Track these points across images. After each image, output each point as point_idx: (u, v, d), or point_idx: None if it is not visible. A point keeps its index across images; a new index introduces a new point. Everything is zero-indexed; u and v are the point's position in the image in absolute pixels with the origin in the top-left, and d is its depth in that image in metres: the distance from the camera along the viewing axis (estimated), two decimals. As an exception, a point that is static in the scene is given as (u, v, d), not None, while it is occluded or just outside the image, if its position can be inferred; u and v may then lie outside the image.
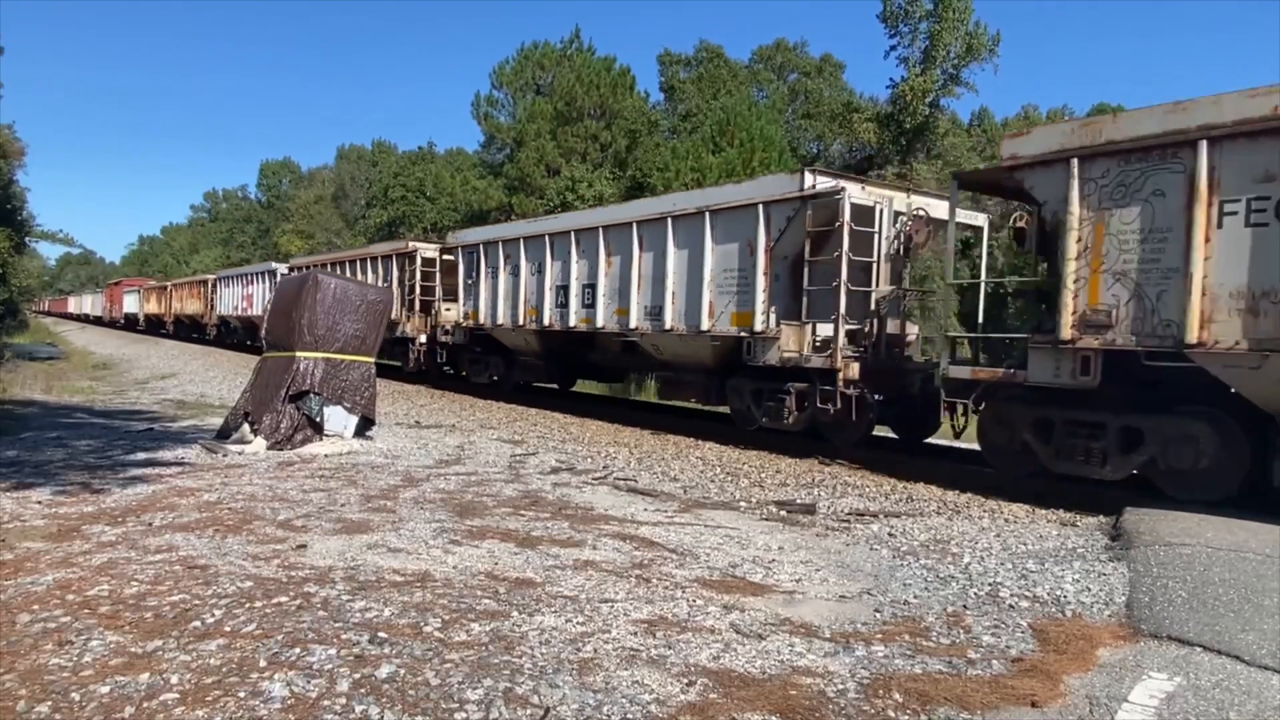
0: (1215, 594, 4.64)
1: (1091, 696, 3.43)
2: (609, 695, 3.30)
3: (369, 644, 3.69)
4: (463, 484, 7.82)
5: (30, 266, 40.63)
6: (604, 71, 38.28)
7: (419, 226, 44.55)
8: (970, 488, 8.40)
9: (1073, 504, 7.56)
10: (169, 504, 6.39)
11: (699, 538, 6.07)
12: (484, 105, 43.76)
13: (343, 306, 10.06)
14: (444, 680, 3.36)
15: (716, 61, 47.33)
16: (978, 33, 31.10)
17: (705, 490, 8.21)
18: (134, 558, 4.89)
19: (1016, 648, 4.02)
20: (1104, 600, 4.73)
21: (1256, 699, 3.40)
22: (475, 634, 3.88)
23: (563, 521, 6.37)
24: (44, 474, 7.42)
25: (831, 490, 8.33)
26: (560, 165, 36.76)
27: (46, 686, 3.17)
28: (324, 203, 67.79)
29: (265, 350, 10.59)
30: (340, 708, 3.09)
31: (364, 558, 5.09)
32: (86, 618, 3.88)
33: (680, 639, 3.95)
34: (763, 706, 3.26)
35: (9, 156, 24.29)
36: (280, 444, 9.23)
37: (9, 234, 24.66)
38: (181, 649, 3.56)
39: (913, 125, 31.93)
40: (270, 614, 4.02)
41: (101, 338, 45.21)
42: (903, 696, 3.40)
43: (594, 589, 4.67)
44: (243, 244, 79.07)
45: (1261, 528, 6.18)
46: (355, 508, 6.53)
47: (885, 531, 6.51)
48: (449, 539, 5.65)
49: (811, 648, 3.93)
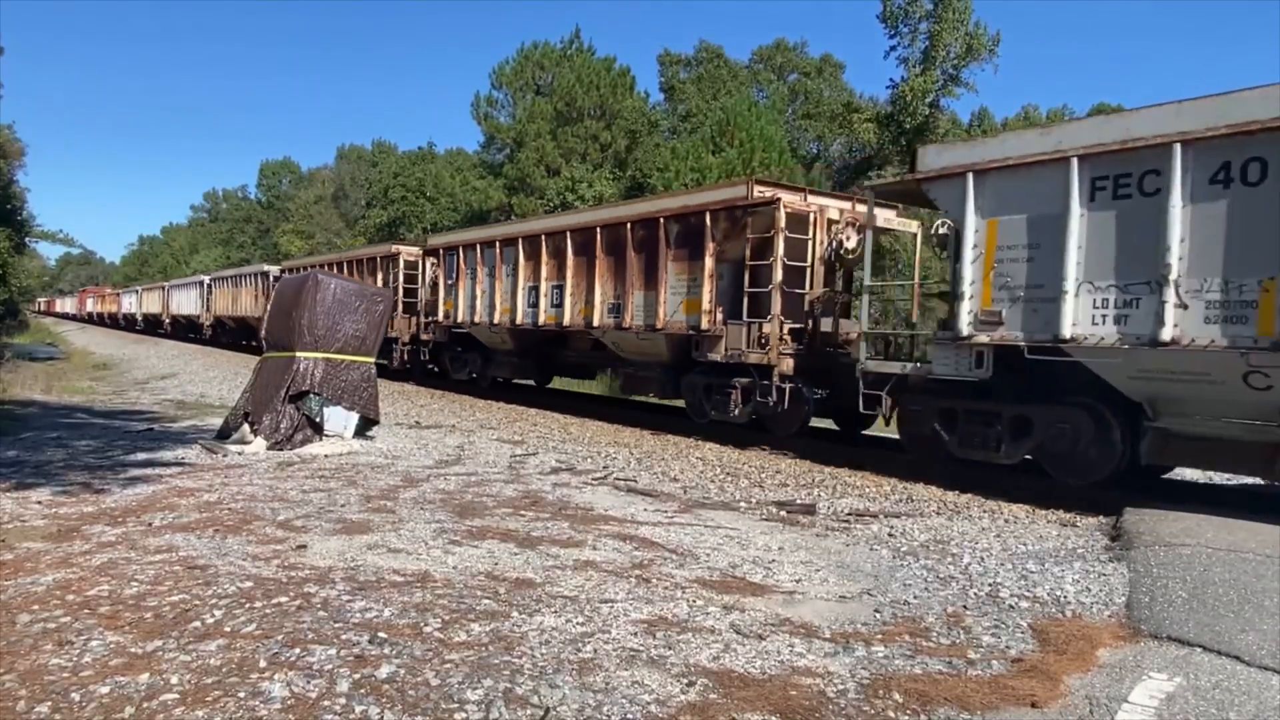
0: (1215, 594, 4.64)
1: (1091, 697, 3.43)
2: (609, 695, 3.30)
3: (369, 644, 3.69)
4: (463, 484, 7.82)
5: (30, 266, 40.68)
6: (604, 71, 38.29)
7: (419, 227, 44.57)
8: (970, 488, 8.40)
9: (1073, 504, 7.56)
10: (169, 504, 6.39)
11: (699, 538, 6.07)
12: (484, 105, 43.77)
13: (343, 307, 10.06)
14: (444, 680, 3.36)
15: (716, 62, 47.38)
16: (978, 33, 31.11)
17: (705, 490, 8.21)
18: (134, 558, 4.89)
19: (1016, 648, 4.02)
20: (1104, 600, 4.73)
21: (1256, 699, 3.41)
22: (475, 634, 3.88)
23: (563, 522, 6.37)
24: (44, 474, 7.42)
25: (831, 490, 8.34)
26: (560, 165, 36.78)
27: (46, 686, 3.17)
28: (324, 203, 67.82)
29: (265, 350, 10.59)
30: (340, 708, 3.09)
31: (364, 558, 5.10)
32: (86, 618, 3.88)
33: (680, 639, 3.95)
34: (763, 707, 3.26)
35: (9, 157, 24.32)
36: (280, 444, 9.23)
37: (9, 234, 24.69)
38: (181, 649, 3.56)
39: (913, 125, 31.92)
40: (270, 614, 4.02)
41: (102, 338, 45.23)
42: (903, 697, 3.40)
43: (594, 589, 4.67)
44: (243, 244, 79.00)
45: (1261, 528, 6.18)
46: (355, 508, 6.53)
47: (885, 532, 6.51)
48: (449, 539, 5.65)
49: (811, 648, 3.93)
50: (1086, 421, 7.88)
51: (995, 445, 8.49)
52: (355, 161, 69.99)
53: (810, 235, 11.01)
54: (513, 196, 38.05)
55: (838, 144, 41.54)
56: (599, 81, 37.62)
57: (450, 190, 44.84)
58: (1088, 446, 7.91)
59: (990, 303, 8.09)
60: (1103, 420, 7.82)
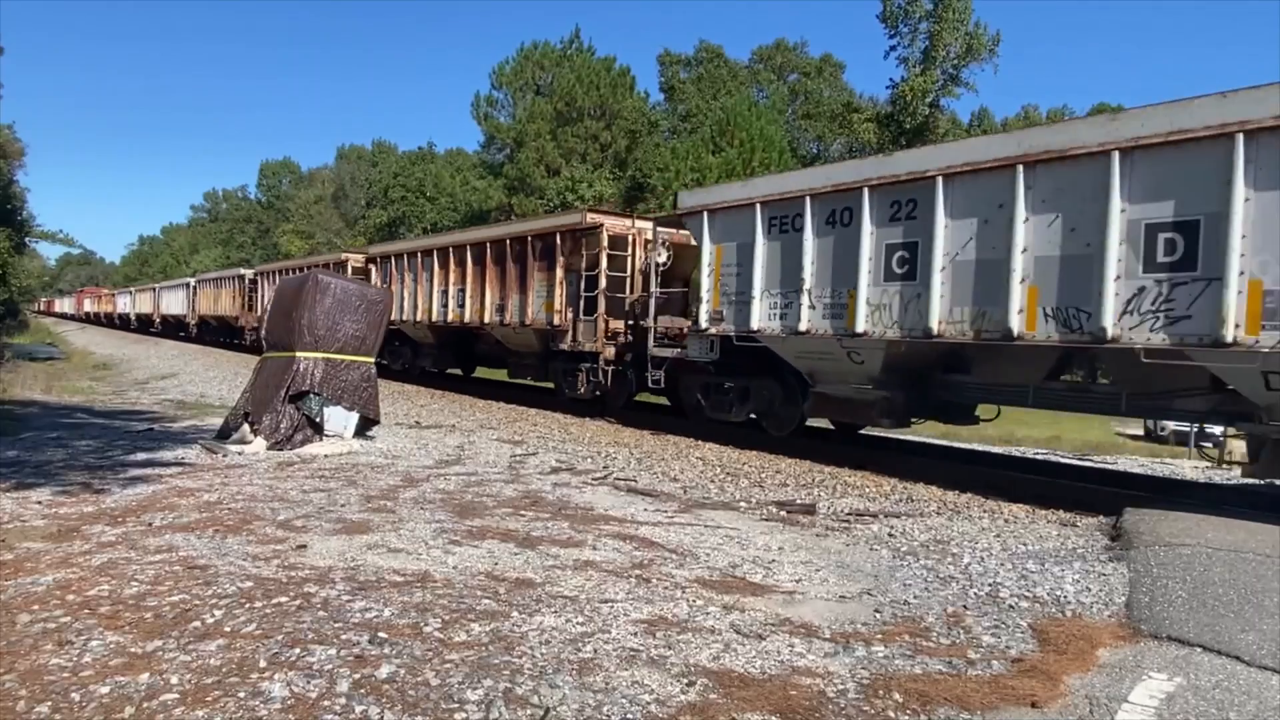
0: (1215, 594, 4.64)
1: (1091, 697, 3.43)
2: (609, 695, 3.30)
3: (369, 644, 3.69)
4: (463, 484, 7.82)
5: (30, 266, 40.72)
6: (604, 71, 38.29)
7: (419, 226, 44.57)
8: (970, 488, 8.40)
9: (1073, 504, 7.56)
10: (169, 504, 6.39)
11: (699, 538, 6.07)
12: (484, 105, 43.79)
13: (343, 307, 10.05)
14: (444, 680, 3.36)
15: (716, 62, 47.37)
16: (978, 33, 31.12)
17: (705, 490, 8.21)
18: (134, 558, 4.89)
19: (1016, 648, 4.02)
20: (1104, 600, 4.73)
21: (1256, 699, 3.41)
22: (475, 634, 3.88)
23: (563, 522, 6.37)
24: (44, 474, 7.42)
25: (831, 490, 8.34)
26: (560, 165, 36.77)
27: (46, 687, 3.17)
28: (324, 203, 67.80)
29: (265, 350, 10.58)
30: (340, 708, 3.09)
31: (364, 558, 5.09)
32: (86, 618, 3.88)
33: (680, 639, 3.95)
34: (763, 707, 3.26)
35: (9, 157, 24.32)
36: (280, 444, 9.23)
37: (9, 234, 24.69)
38: (181, 649, 3.56)
39: (913, 125, 31.93)
40: (270, 614, 4.02)
41: (101, 338, 45.23)
42: (903, 697, 3.40)
43: (594, 589, 4.67)
44: (243, 244, 78.99)
45: (1261, 528, 6.19)
46: (355, 508, 6.53)
47: (885, 532, 6.51)
48: (449, 539, 5.65)
49: (811, 648, 3.93)
50: (778, 389, 11.14)
51: (730, 409, 11.85)
52: (355, 161, 70.00)
53: (630, 252, 13.95)
54: (513, 196, 38.06)
55: (838, 144, 41.55)
56: (599, 81, 37.63)
57: (450, 190, 44.84)
58: (781, 407, 11.20)
59: (717, 304, 11.11)
60: (788, 386, 10.98)
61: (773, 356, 10.59)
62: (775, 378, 10.96)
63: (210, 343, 37.17)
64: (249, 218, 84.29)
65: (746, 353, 10.86)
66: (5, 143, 24.40)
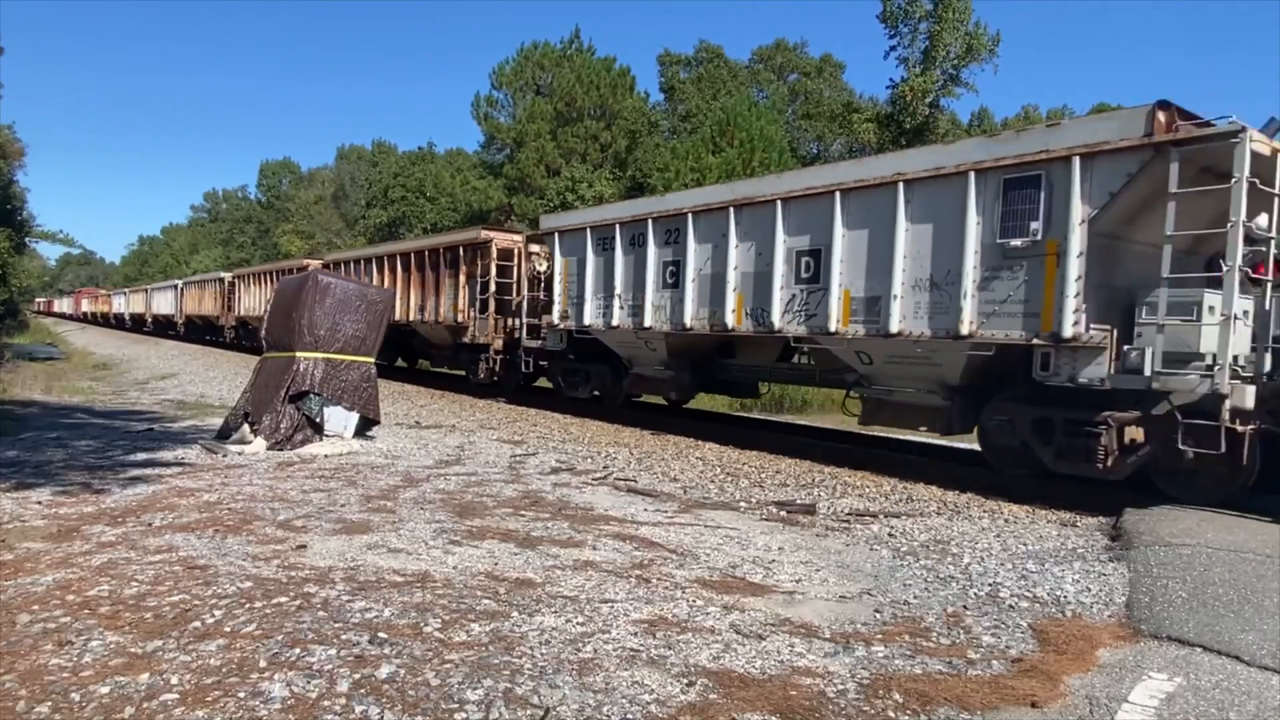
0: (1215, 594, 4.64)
1: (1091, 697, 3.43)
2: (609, 695, 3.30)
3: (369, 644, 3.69)
4: (463, 484, 7.82)
5: (30, 267, 40.70)
6: (604, 72, 38.27)
7: (419, 227, 44.55)
8: (970, 488, 8.40)
9: (1073, 504, 7.56)
10: (169, 504, 6.39)
11: (699, 538, 6.07)
12: (484, 105, 43.74)
13: (343, 307, 10.05)
14: (444, 680, 3.36)
15: (716, 62, 47.36)
16: (978, 33, 31.05)
17: (705, 490, 8.21)
18: (134, 558, 4.89)
19: (1016, 648, 4.02)
20: (1104, 600, 4.74)
21: (1256, 699, 3.41)
22: (475, 634, 3.88)
23: (563, 522, 6.37)
24: (44, 474, 7.42)
25: (831, 490, 8.34)
26: (560, 166, 36.77)
27: (46, 687, 3.17)
28: (324, 203, 67.81)
29: (265, 350, 10.58)
30: (340, 708, 3.09)
31: (364, 558, 5.09)
32: (86, 618, 3.88)
33: (680, 639, 3.95)
34: (763, 707, 3.26)
35: (9, 157, 24.33)
36: (280, 444, 9.23)
37: (9, 234, 24.69)
38: (181, 649, 3.56)
39: (913, 125, 31.88)
40: (270, 614, 4.02)
41: (101, 338, 45.23)
42: (903, 697, 3.40)
43: (594, 589, 4.67)
44: (243, 244, 78.91)
45: (1261, 528, 6.19)
46: (355, 508, 6.53)
47: (885, 532, 6.51)
48: (449, 539, 5.65)
49: (811, 648, 3.93)
50: (609, 371, 14.14)
51: (579, 388, 14.86)
52: (355, 161, 69.97)
53: (515, 262, 16.80)
54: (513, 197, 38.07)
55: (838, 144, 41.54)
56: (599, 81, 37.61)
57: (450, 190, 44.79)
58: (611, 385, 14.18)
59: (565, 306, 14.13)
60: (616, 370, 13.96)
61: (603, 346, 13.74)
62: (607, 363, 14.10)
63: (195, 340, 40.00)
64: (249, 218, 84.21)
65: (586, 343, 14.06)
66: (5, 143, 24.40)
